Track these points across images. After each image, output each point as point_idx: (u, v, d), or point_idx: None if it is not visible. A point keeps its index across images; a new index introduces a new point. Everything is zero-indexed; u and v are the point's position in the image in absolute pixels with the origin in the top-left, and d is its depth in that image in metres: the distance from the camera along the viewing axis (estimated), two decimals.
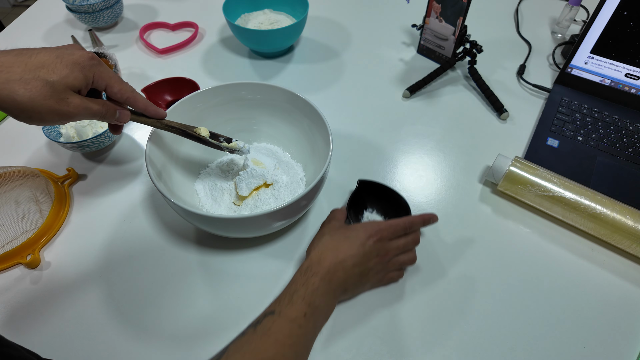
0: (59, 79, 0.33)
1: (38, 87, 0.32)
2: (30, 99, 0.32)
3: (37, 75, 0.32)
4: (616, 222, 0.49)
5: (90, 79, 0.36)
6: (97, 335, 0.44)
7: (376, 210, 0.54)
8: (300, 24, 0.72)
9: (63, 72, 0.33)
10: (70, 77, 0.34)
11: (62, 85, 0.33)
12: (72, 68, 0.34)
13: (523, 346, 0.44)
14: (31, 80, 0.32)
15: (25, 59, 0.32)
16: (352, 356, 0.43)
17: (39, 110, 0.33)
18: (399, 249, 0.45)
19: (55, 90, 0.33)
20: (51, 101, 0.33)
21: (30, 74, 0.32)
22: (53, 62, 0.33)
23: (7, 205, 0.53)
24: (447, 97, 0.72)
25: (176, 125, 0.46)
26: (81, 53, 0.35)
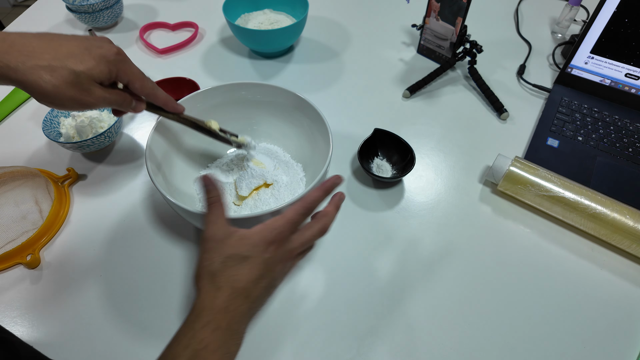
0: (85, 70, 0.34)
1: (64, 75, 0.33)
2: (54, 87, 0.33)
3: (65, 64, 0.33)
4: (616, 222, 0.49)
5: (114, 73, 0.37)
6: (97, 335, 0.44)
7: (386, 159, 0.61)
8: (300, 24, 0.72)
9: (90, 63, 0.34)
10: (96, 70, 0.35)
11: (86, 76, 0.34)
12: (99, 61, 0.35)
13: (523, 346, 0.44)
14: (58, 69, 0.33)
15: (55, 46, 0.33)
16: (352, 356, 0.43)
17: (61, 98, 0.34)
18: (304, 244, 0.38)
19: (79, 80, 0.34)
20: (74, 90, 0.34)
21: (58, 62, 0.33)
22: (81, 53, 0.34)
23: (7, 205, 0.53)
24: (447, 97, 0.72)
25: (189, 118, 0.47)
26: (109, 47, 0.36)
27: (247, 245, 0.35)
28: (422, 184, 0.59)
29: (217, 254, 0.35)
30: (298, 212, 0.37)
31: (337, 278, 0.49)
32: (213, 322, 0.32)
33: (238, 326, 0.34)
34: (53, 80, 0.33)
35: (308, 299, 0.47)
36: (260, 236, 0.36)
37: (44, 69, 0.32)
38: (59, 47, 0.33)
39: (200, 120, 0.48)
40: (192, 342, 0.31)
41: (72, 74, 0.33)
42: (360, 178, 0.59)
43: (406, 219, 0.55)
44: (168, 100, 0.44)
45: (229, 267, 0.34)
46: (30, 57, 0.32)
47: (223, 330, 0.32)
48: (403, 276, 0.49)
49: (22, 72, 0.32)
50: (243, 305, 0.34)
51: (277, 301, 0.47)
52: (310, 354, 0.43)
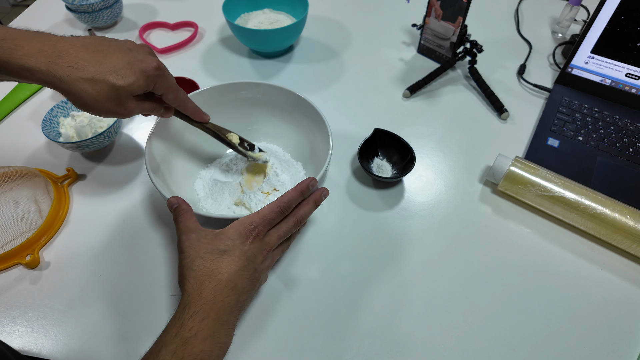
0: (125, 85, 0.35)
1: (105, 90, 0.35)
2: (94, 99, 0.35)
3: (107, 78, 0.34)
4: (616, 222, 0.49)
5: (151, 87, 0.39)
6: (96, 335, 0.44)
7: (386, 159, 0.60)
8: (300, 23, 0.72)
9: (130, 79, 0.36)
10: (135, 85, 0.36)
11: (125, 91, 0.36)
12: (139, 76, 0.36)
13: (523, 346, 0.44)
14: (100, 82, 0.34)
15: (100, 58, 0.35)
16: (352, 356, 0.43)
17: (99, 109, 0.36)
18: (281, 237, 0.40)
19: (118, 95, 0.36)
20: (112, 103, 0.36)
21: (101, 76, 0.34)
22: (124, 68, 0.35)
23: (6, 205, 0.53)
24: (447, 97, 0.72)
25: (212, 127, 0.49)
26: (149, 62, 0.37)
27: (223, 239, 0.37)
28: (422, 184, 0.59)
29: (195, 252, 0.37)
30: (273, 210, 0.39)
31: (337, 278, 0.49)
32: (201, 311, 0.33)
33: (228, 317, 0.35)
34: (94, 94, 0.34)
35: (308, 299, 0.47)
36: (235, 230, 0.38)
37: (87, 82, 0.34)
38: (103, 59, 0.35)
39: (223, 129, 0.50)
40: (181, 330, 0.32)
41: (112, 89, 0.35)
42: (360, 178, 0.59)
43: (406, 219, 0.55)
44: (196, 110, 0.46)
45: (209, 261, 0.36)
46: (76, 69, 0.33)
47: (212, 319, 0.33)
48: (403, 276, 0.49)
49: (67, 83, 0.34)
50: (230, 297, 0.35)
51: (277, 301, 0.47)
52: (311, 354, 0.43)
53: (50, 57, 0.33)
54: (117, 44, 0.37)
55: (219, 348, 0.34)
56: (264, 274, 0.41)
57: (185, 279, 0.36)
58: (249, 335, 0.44)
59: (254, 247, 0.38)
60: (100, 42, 0.36)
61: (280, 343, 0.44)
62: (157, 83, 0.39)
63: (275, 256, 0.43)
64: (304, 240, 0.52)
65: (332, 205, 0.56)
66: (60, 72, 0.33)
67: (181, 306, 0.34)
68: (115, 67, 0.35)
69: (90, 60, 0.34)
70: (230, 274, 0.35)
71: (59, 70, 0.33)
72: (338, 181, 0.58)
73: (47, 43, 0.34)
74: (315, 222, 0.54)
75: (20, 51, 0.33)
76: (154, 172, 0.46)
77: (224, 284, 0.35)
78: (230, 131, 0.51)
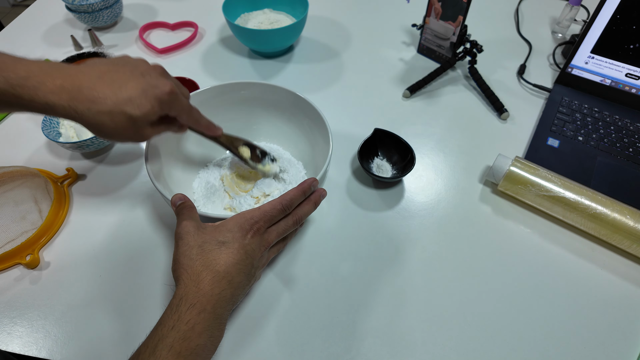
0: (141, 115, 0.36)
1: (122, 121, 0.36)
2: (113, 130, 0.36)
3: (124, 110, 0.35)
4: (616, 222, 0.49)
5: (166, 111, 0.39)
6: (96, 335, 0.44)
7: (386, 159, 0.60)
8: (300, 23, 0.72)
9: (146, 107, 0.36)
10: (151, 113, 0.37)
11: (142, 120, 0.37)
12: (154, 103, 0.37)
13: (523, 346, 0.44)
14: (118, 115, 0.35)
15: (116, 89, 0.36)
16: (352, 356, 0.43)
17: (118, 137, 0.38)
18: (280, 234, 0.40)
19: (135, 124, 0.37)
20: (129, 131, 0.37)
21: (118, 107, 0.35)
22: (139, 97, 0.36)
23: (6, 205, 0.53)
24: (447, 97, 0.72)
25: (224, 140, 0.50)
26: (163, 87, 0.38)
27: (223, 231, 0.37)
28: (422, 184, 0.59)
29: (194, 240, 0.37)
30: (275, 207, 0.39)
31: (337, 278, 0.49)
32: (198, 304, 0.33)
33: (222, 311, 0.35)
34: (112, 125, 0.36)
35: (308, 299, 0.47)
36: (236, 223, 0.38)
37: (106, 115, 0.35)
38: (119, 90, 0.36)
39: (237, 142, 0.51)
40: (178, 323, 0.32)
41: (130, 120, 0.36)
42: (360, 178, 0.59)
43: (406, 219, 0.55)
44: (209, 126, 0.47)
45: (207, 251, 0.36)
46: (94, 103, 0.35)
47: (208, 313, 0.33)
48: (403, 276, 0.49)
49: (87, 118, 0.35)
50: (227, 291, 0.35)
51: (277, 301, 0.47)
52: (311, 354, 0.43)
53: (71, 92, 0.34)
54: (131, 69, 0.38)
55: (212, 342, 0.34)
56: (259, 270, 0.41)
57: (181, 267, 0.35)
58: (248, 335, 0.44)
59: (253, 241, 0.38)
60: (115, 70, 0.37)
61: (280, 343, 0.44)
62: (172, 107, 0.40)
63: (271, 255, 0.43)
64: (304, 240, 0.52)
65: (332, 205, 0.56)
66: (80, 107, 0.35)
67: (177, 297, 0.34)
68: (131, 97, 0.36)
69: (108, 93, 0.35)
70: (228, 266, 0.35)
71: (79, 106, 0.35)
72: (338, 181, 0.58)
73: (66, 78, 0.35)
74: (315, 222, 0.54)
75: (44, 89, 0.34)
76: (154, 173, 0.46)
77: (221, 276, 0.35)
78: (243, 140, 0.51)
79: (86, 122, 0.36)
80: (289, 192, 0.41)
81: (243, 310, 0.46)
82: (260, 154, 0.52)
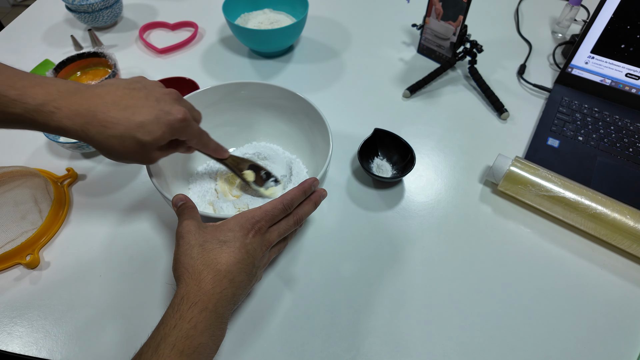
0: (152, 140, 0.37)
1: (132, 145, 0.37)
2: (122, 153, 0.37)
3: (134, 135, 0.36)
4: (616, 222, 0.49)
5: (177, 136, 0.40)
6: (96, 335, 0.44)
7: (386, 159, 0.60)
8: (300, 23, 0.72)
9: (157, 133, 0.37)
10: (161, 139, 0.38)
11: (151, 145, 0.37)
12: (165, 130, 0.38)
13: (523, 346, 0.44)
14: (128, 139, 0.36)
15: (129, 115, 0.36)
16: (352, 356, 0.43)
17: (125, 159, 0.38)
18: (281, 234, 0.40)
19: (144, 148, 0.37)
20: (138, 155, 0.38)
21: (129, 132, 0.36)
22: (151, 123, 0.37)
23: (6, 206, 0.53)
24: (447, 96, 0.72)
25: (230, 162, 0.50)
26: (176, 113, 0.38)
27: (224, 230, 0.37)
28: (422, 184, 0.59)
29: (195, 239, 0.37)
30: (276, 207, 0.39)
31: (337, 278, 0.49)
32: (200, 302, 0.33)
33: (223, 310, 0.35)
34: (122, 149, 0.37)
35: (308, 299, 0.47)
36: (237, 222, 0.38)
37: (117, 139, 0.36)
38: (132, 116, 0.36)
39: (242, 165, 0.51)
40: (180, 322, 0.32)
41: (139, 144, 0.37)
42: (360, 178, 0.59)
43: (406, 219, 0.55)
44: (217, 149, 0.48)
45: (208, 250, 0.36)
46: (106, 128, 0.35)
47: (210, 311, 0.33)
48: (403, 276, 0.49)
49: (97, 140, 0.36)
50: (228, 290, 0.35)
51: (277, 301, 0.47)
52: (311, 354, 0.43)
53: (85, 117, 0.35)
54: (146, 94, 0.38)
55: (214, 341, 0.34)
56: (260, 270, 0.41)
57: (183, 266, 0.35)
58: (248, 335, 0.44)
59: (254, 241, 0.38)
60: (129, 95, 0.37)
61: (280, 343, 0.44)
62: (182, 132, 0.40)
63: (272, 254, 0.43)
64: (304, 240, 0.52)
65: (332, 205, 0.56)
66: (92, 131, 0.35)
67: (178, 296, 0.33)
68: (143, 123, 0.36)
69: (121, 119, 0.36)
70: (229, 265, 0.35)
71: (92, 130, 0.35)
72: (338, 181, 0.58)
73: (82, 103, 0.35)
74: (315, 222, 0.54)
75: (59, 114, 0.35)
76: (155, 173, 0.46)
77: (222, 275, 0.35)
78: (249, 162, 0.51)
79: (96, 144, 0.36)
80: (289, 192, 0.41)
81: (244, 310, 0.46)
82: (265, 175, 0.52)
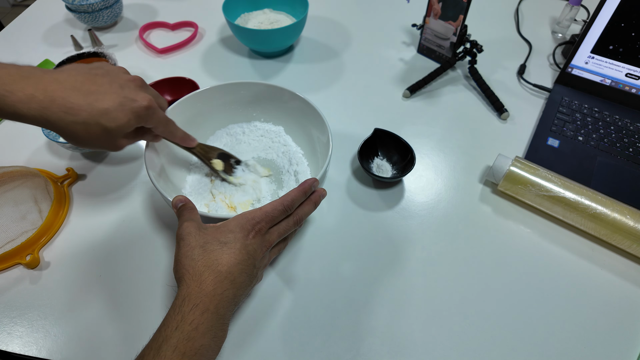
0: (116, 127, 0.37)
1: (97, 131, 0.36)
2: (87, 140, 0.37)
3: (98, 121, 0.36)
4: (616, 222, 0.49)
5: (142, 123, 0.40)
6: (96, 336, 0.44)
7: (386, 159, 0.60)
8: (300, 23, 0.72)
9: (122, 120, 0.37)
10: (126, 126, 0.38)
11: (117, 132, 0.37)
12: (130, 117, 0.37)
13: (523, 346, 0.44)
14: (92, 125, 0.36)
15: (92, 101, 0.36)
16: (352, 356, 0.43)
17: (90, 145, 0.38)
18: (281, 235, 0.40)
19: (110, 135, 0.37)
20: (103, 142, 0.38)
21: (93, 119, 0.35)
22: (115, 110, 0.36)
23: (6, 205, 0.53)
24: (447, 97, 0.72)
25: (198, 152, 0.51)
26: (141, 100, 0.38)
27: (224, 231, 0.37)
28: (422, 184, 0.59)
29: (195, 240, 0.36)
30: (276, 207, 0.39)
31: (337, 278, 0.49)
32: (201, 304, 0.33)
33: (225, 311, 0.34)
34: (86, 136, 0.36)
35: (308, 299, 0.47)
36: (237, 223, 0.37)
37: (80, 125, 0.35)
38: (95, 102, 0.36)
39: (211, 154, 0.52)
40: (182, 324, 0.32)
41: (104, 130, 0.36)
42: (360, 178, 0.59)
43: (406, 219, 0.55)
44: (184, 137, 0.48)
45: (209, 251, 0.36)
46: (68, 114, 0.35)
47: (211, 313, 0.33)
48: (403, 276, 0.49)
49: (60, 127, 0.35)
50: (229, 291, 0.35)
51: (277, 301, 0.47)
52: (311, 354, 0.43)
53: (42, 103, 0.34)
54: (109, 80, 0.38)
55: (215, 343, 0.34)
56: (260, 271, 0.41)
57: (183, 268, 0.35)
58: (248, 335, 0.44)
59: (255, 242, 0.37)
60: (91, 81, 0.37)
61: (280, 343, 0.44)
62: (148, 120, 0.40)
63: (272, 255, 0.43)
64: (304, 240, 0.52)
65: (332, 205, 0.56)
66: (52, 117, 0.34)
67: (180, 298, 0.33)
68: (107, 110, 0.36)
69: (82, 105, 0.35)
70: (230, 267, 0.35)
71: (52, 116, 0.34)
72: (338, 181, 0.58)
73: (37, 87, 0.34)
74: (315, 222, 0.54)
75: (12, 98, 0.33)
76: (155, 173, 0.46)
77: (223, 276, 0.34)
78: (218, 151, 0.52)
79: (59, 130, 0.36)
80: (290, 193, 0.41)
81: (244, 310, 0.46)
82: (235, 162, 0.52)
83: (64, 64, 0.65)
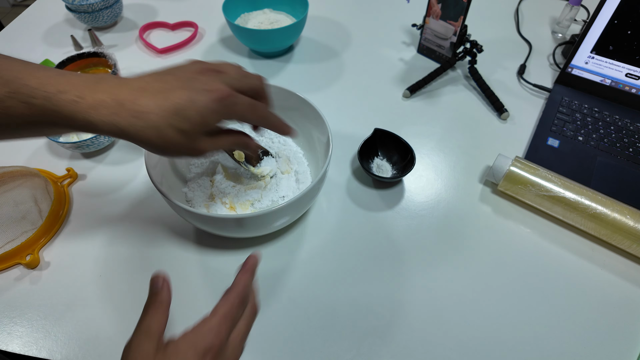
0: (190, 127, 0.32)
1: (171, 135, 0.32)
2: (163, 146, 0.33)
3: (171, 123, 0.32)
4: (617, 222, 0.49)
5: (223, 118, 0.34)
6: (96, 336, 0.44)
7: (386, 159, 0.61)
8: (300, 23, 0.72)
9: (195, 119, 0.32)
10: (201, 125, 0.33)
11: (193, 133, 0.33)
12: (204, 114, 0.32)
13: (523, 346, 0.44)
14: (165, 129, 0.32)
15: (161, 102, 0.32)
16: (352, 356, 0.43)
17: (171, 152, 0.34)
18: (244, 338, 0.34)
19: (187, 136, 0.33)
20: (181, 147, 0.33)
21: (164, 121, 0.31)
22: (186, 107, 0.32)
23: (6, 205, 0.53)
24: (447, 97, 0.72)
25: None
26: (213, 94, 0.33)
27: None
28: (422, 184, 0.59)
29: None
30: (233, 303, 0.32)
31: (337, 278, 0.49)
32: None
33: None
34: (161, 141, 0.32)
35: (308, 299, 0.47)
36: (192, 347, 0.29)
37: (152, 130, 0.31)
38: (164, 102, 0.32)
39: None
40: None
41: (179, 132, 0.32)
42: (360, 178, 0.59)
43: (406, 219, 0.55)
44: (280, 125, 0.40)
45: None
46: (138, 119, 0.31)
47: None
48: (403, 276, 0.49)
49: (132, 134, 0.31)
50: None
51: (277, 301, 0.47)
52: (311, 354, 0.43)
53: (111, 108, 0.31)
54: (177, 76, 0.34)
55: None
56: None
57: None
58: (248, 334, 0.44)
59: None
60: (160, 79, 0.33)
61: (280, 343, 0.44)
62: (229, 113, 0.34)
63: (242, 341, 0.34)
64: (304, 240, 0.52)
65: (332, 205, 0.56)
66: (123, 124, 0.31)
67: None
68: (178, 108, 0.32)
69: (151, 106, 0.31)
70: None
71: (121, 122, 0.31)
72: (338, 181, 0.58)
73: (107, 90, 0.31)
74: (315, 222, 0.54)
75: (83, 104, 0.30)
76: (155, 174, 0.46)
77: None
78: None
79: (132, 139, 0.32)
80: (240, 280, 0.33)
81: None
82: (262, 153, 0.51)
83: (64, 64, 0.65)
